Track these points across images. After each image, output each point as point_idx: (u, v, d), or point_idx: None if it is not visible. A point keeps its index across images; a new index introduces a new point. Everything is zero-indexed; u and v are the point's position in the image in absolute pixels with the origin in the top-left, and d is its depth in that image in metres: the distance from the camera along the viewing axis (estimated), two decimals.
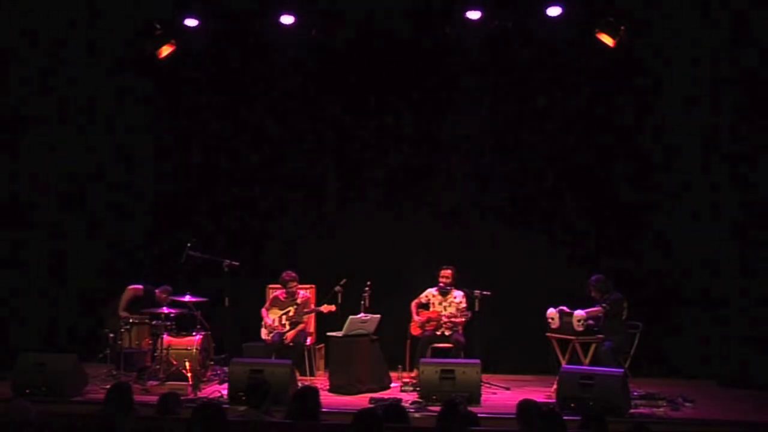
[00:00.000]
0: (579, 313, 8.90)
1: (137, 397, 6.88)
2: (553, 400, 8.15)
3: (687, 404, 8.39)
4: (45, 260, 10.79)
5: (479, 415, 6.42)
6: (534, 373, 9.84)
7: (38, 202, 10.76)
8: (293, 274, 9.70)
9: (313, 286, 10.17)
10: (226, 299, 9.61)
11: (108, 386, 6.82)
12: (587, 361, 8.88)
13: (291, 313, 9.72)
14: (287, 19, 10.32)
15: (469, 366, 8.66)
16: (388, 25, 10.44)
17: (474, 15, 10.10)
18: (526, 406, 5.64)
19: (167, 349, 9.18)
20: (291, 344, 9.53)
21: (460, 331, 9.63)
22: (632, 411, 7.99)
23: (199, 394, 8.67)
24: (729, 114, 9.81)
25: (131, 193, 11.06)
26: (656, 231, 10.24)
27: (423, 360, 9.00)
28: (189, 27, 10.43)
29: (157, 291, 9.61)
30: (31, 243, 10.73)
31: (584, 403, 7.66)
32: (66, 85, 10.73)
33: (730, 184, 9.82)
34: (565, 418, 5.27)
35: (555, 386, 8.35)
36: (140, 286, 9.71)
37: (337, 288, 9.52)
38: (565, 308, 9.07)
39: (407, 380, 9.35)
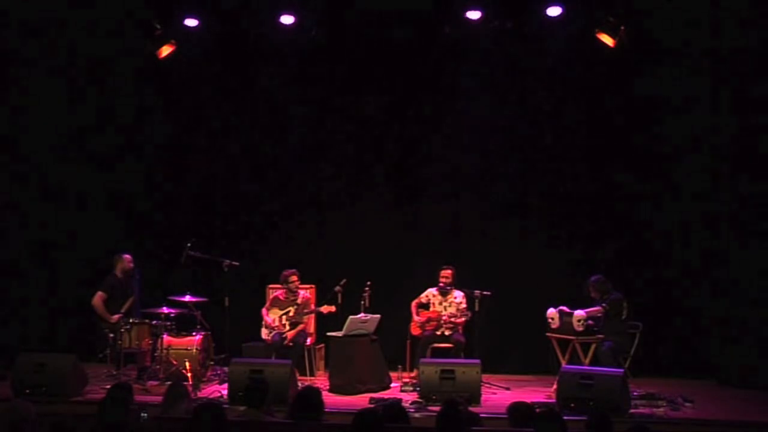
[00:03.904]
0: (579, 313, 8.91)
1: (137, 397, 6.90)
2: (553, 400, 8.15)
3: (687, 404, 8.39)
4: (45, 260, 10.78)
5: (479, 415, 6.44)
6: (534, 373, 9.84)
7: (37, 202, 10.79)
8: (293, 270, 9.71)
9: (313, 286, 10.16)
10: (226, 299, 9.62)
11: (108, 386, 6.83)
12: (587, 361, 8.89)
13: (291, 314, 9.72)
14: (287, 19, 10.32)
15: (469, 366, 8.66)
16: (388, 25, 10.44)
17: (474, 15, 10.09)
18: (517, 408, 5.65)
19: (167, 349, 9.18)
20: (291, 344, 9.53)
21: (460, 331, 9.64)
22: (632, 411, 7.99)
23: (199, 394, 8.66)
24: (730, 114, 9.81)
25: (130, 192, 11.04)
26: (657, 231, 10.24)
27: (423, 360, 8.99)
28: (189, 27, 10.43)
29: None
30: (30, 243, 10.74)
31: (584, 403, 7.66)
32: (65, 85, 10.72)
33: (731, 184, 9.82)
34: (566, 418, 5.28)
35: (555, 386, 8.36)
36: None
37: (337, 288, 9.52)
38: (565, 308, 9.08)
39: (407, 380, 9.35)
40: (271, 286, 10.14)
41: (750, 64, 9.60)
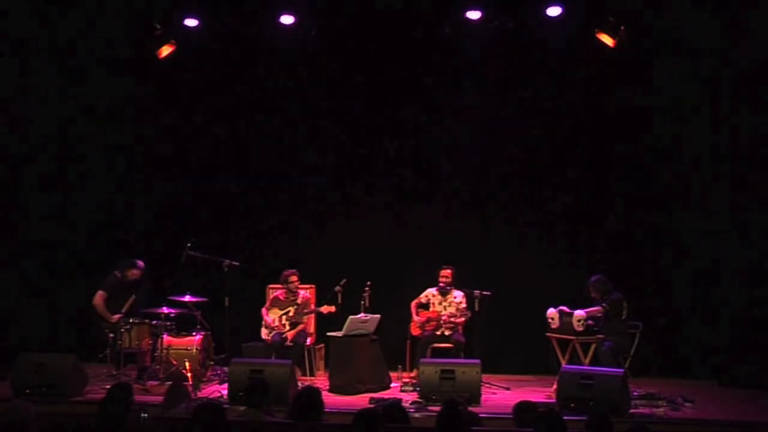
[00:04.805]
0: (579, 313, 8.91)
1: (137, 397, 6.90)
2: (553, 400, 8.15)
3: (687, 404, 8.39)
4: (44, 260, 10.78)
5: (479, 415, 6.44)
6: (534, 373, 9.84)
7: (37, 200, 10.80)
8: (293, 270, 9.72)
9: (313, 286, 10.17)
10: (226, 299, 9.62)
11: (108, 386, 6.83)
12: (587, 361, 8.89)
13: (291, 314, 9.72)
14: (287, 19, 10.32)
15: (469, 366, 8.66)
16: (388, 25, 10.44)
17: (474, 15, 10.10)
18: (523, 407, 5.66)
19: (167, 349, 9.18)
20: (291, 344, 9.53)
21: (460, 331, 9.64)
22: (632, 411, 8.00)
23: (199, 394, 8.66)
24: (729, 113, 9.81)
25: (131, 192, 11.04)
26: (656, 231, 10.24)
27: (423, 360, 9.00)
28: (189, 27, 10.43)
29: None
30: (30, 243, 10.74)
31: (584, 403, 7.66)
32: (65, 85, 10.72)
33: (730, 184, 9.82)
34: (566, 418, 5.28)
35: (555, 386, 8.36)
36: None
37: (337, 288, 9.52)
38: (565, 308, 9.08)
39: (407, 380, 9.35)
40: (271, 286, 10.14)
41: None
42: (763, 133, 9.60)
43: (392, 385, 9.38)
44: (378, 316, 9.39)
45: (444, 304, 9.77)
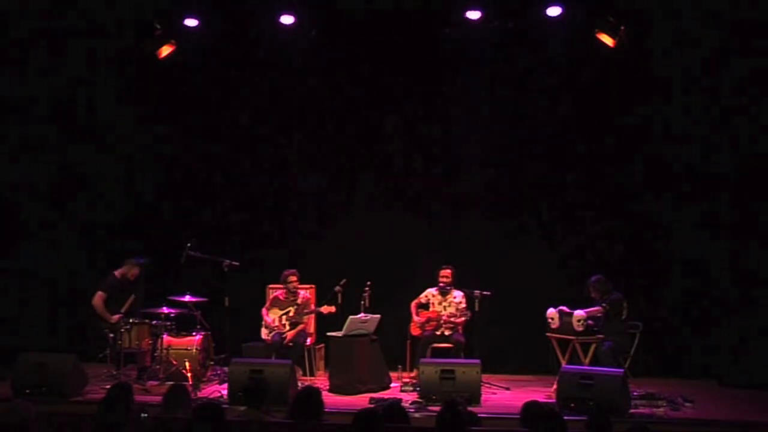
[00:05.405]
0: (579, 313, 8.91)
1: (137, 397, 6.90)
2: (553, 400, 8.16)
3: (687, 404, 8.39)
4: (44, 260, 10.78)
5: (479, 415, 6.44)
6: (534, 373, 9.84)
7: (36, 201, 10.79)
8: (293, 270, 9.72)
9: (313, 286, 10.17)
10: (226, 299, 9.61)
11: (108, 386, 6.83)
12: (587, 361, 8.89)
13: (291, 314, 9.72)
14: (287, 19, 10.33)
15: (469, 366, 8.66)
16: (387, 26, 10.44)
17: (474, 15, 10.10)
18: (531, 408, 5.64)
19: (167, 349, 9.18)
20: (291, 344, 9.53)
21: (460, 331, 9.64)
22: (632, 411, 8.00)
23: (199, 394, 8.67)
24: (729, 113, 9.81)
25: (131, 192, 11.04)
26: (656, 230, 10.24)
27: (423, 360, 9.00)
28: (189, 27, 10.43)
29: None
30: (30, 243, 10.74)
31: (584, 403, 7.66)
32: (65, 85, 10.71)
33: (731, 183, 9.82)
34: (566, 418, 5.28)
35: (555, 386, 8.36)
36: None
37: (337, 288, 9.52)
38: (565, 308, 9.08)
39: (407, 380, 9.35)
40: (271, 286, 10.14)
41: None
42: (763, 133, 9.60)
43: (392, 385, 9.38)
44: (378, 316, 9.39)
45: (444, 304, 9.77)
